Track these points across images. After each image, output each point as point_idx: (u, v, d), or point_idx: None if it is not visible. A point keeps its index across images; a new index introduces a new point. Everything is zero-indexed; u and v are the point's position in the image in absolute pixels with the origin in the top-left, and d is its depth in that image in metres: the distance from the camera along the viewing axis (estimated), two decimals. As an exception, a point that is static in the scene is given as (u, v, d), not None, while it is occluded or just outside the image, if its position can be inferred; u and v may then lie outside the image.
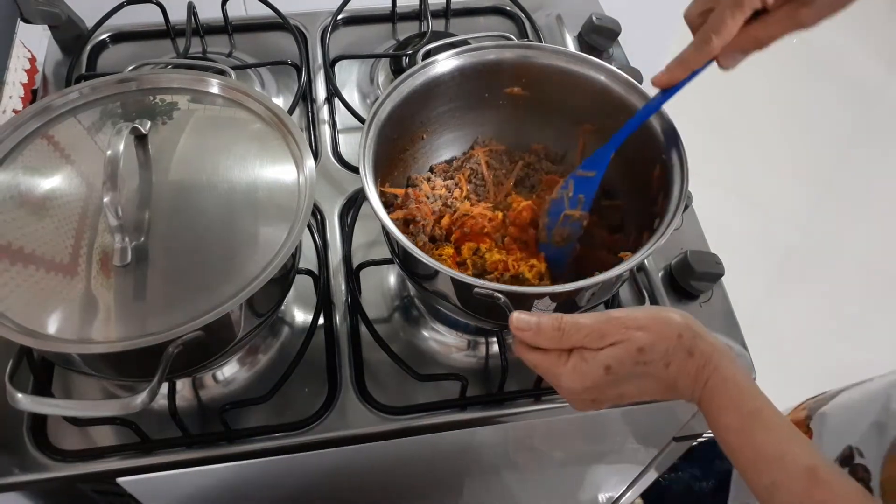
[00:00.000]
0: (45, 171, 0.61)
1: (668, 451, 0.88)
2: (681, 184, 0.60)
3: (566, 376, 0.49)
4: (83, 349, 0.53)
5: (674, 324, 0.49)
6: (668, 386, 0.50)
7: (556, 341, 0.49)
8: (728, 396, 0.48)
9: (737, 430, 0.48)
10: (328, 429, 0.66)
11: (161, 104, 0.66)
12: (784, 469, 0.46)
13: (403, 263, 0.63)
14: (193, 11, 0.92)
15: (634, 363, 0.48)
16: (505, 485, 0.96)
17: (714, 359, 0.49)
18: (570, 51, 0.70)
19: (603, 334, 0.49)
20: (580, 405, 0.51)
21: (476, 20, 1.01)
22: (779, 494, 0.46)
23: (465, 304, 0.59)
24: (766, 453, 0.47)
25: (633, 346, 0.48)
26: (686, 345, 0.49)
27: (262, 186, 0.61)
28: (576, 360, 0.49)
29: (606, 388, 0.49)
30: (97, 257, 0.56)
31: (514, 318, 0.50)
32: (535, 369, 0.51)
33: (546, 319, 0.49)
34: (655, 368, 0.49)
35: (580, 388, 0.49)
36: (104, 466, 0.64)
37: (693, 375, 0.49)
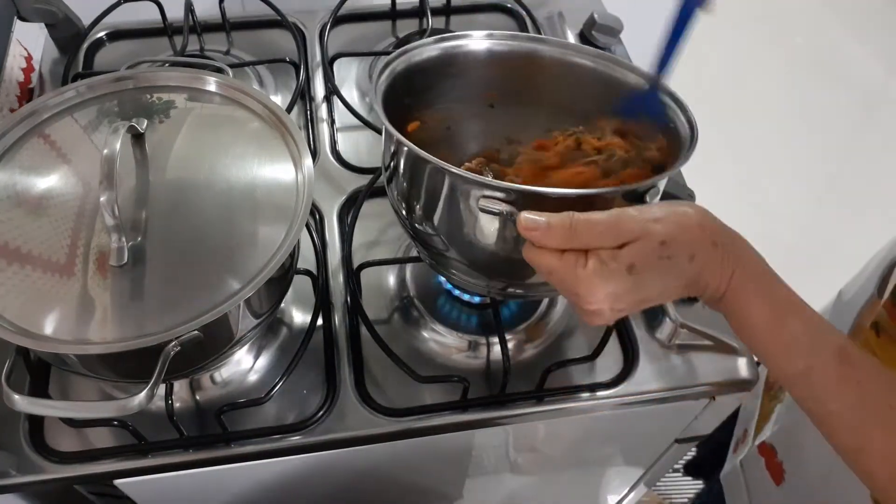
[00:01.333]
0: (42, 171, 0.60)
1: (670, 453, 0.88)
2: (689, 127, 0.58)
3: (585, 282, 0.45)
4: (80, 350, 0.52)
5: (692, 214, 0.47)
6: (691, 281, 0.46)
7: (568, 239, 0.45)
8: (757, 285, 0.46)
9: (769, 318, 0.46)
10: (327, 430, 0.65)
11: (158, 103, 0.65)
12: (818, 353, 0.45)
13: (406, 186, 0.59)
14: (191, 9, 0.91)
15: (658, 258, 0.45)
16: (506, 487, 0.96)
17: (737, 247, 0.47)
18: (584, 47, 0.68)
19: (620, 230, 0.45)
20: (598, 315, 0.47)
21: (477, 17, 1.01)
22: (814, 377, 0.45)
23: (473, 259, 0.56)
24: (800, 338, 0.45)
25: (654, 239, 0.45)
26: (708, 234, 0.46)
27: (261, 185, 0.61)
28: (595, 263, 0.45)
29: (628, 291, 0.45)
30: (94, 257, 0.55)
31: (522, 217, 0.46)
32: (548, 277, 0.47)
33: (556, 217, 0.46)
34: (679, 263, 0.45)
35: (602, 294, 0.45)
36: (101, 468, 0.63)
37: (719, 267, 0.46)
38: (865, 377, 0.44)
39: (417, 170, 0.55)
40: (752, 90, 2.21)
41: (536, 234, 0.46)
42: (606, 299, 0.45)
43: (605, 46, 0.93)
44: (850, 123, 2.19)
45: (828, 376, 0.45)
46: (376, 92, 0.58)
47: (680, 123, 0.59)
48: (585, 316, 0.48)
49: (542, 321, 0.73)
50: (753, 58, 2.27)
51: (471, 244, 0.55)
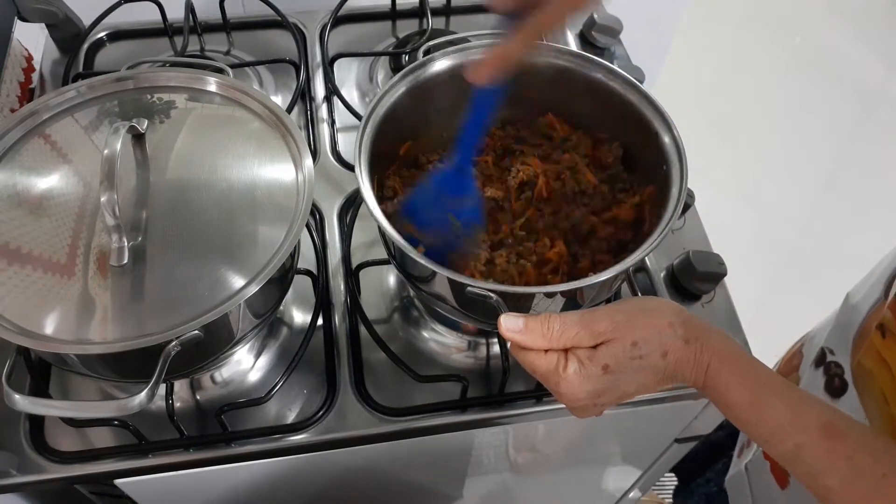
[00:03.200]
0: (42, 171, 0.60)
1: (669, 453, 0.88)
2: (679, 183, 0.59)
3: (566, 382, 0.48)
4: (80, 350, 0.52)
5: (661, 313, 0.49)
6: (668, 376, 0.49)
7: (547, 340, 0.48)
8: (733, 375, 0.48)
9: (749, 404, 0.47)
10: (327, 430, 0.65)
11: (158, 103, 0.66)
12: (804, 431, 0.46)
13: (400, 264, 0.62)
14: (191, 9, 0.91)
15: (630, 358, 0.48)
16: (505, 486, 0.96)
17: (709, 341, 0.48)
18: (572, 50, 0.69)
19: (592, 331, 0.48)
20: (582, 411, 0.51)
21: (477, 17, 1.01)
22: (804, 456, 0.46)
23: (463, 306, 0.59)
24: (783, 420, 0.46)
25: (626, 340, 0.48)
26: (679, 332, 0.48)
27: (261, 186, 0.61)
28: (573, 365, 0.48)
29: (607, 389, 0.48)
30: (94, 257, 0.55)
31: (502, 320, 0.49)
32: (533, 374, 0.50)
33: (533, 319, 0.49)
34: (653, 360, 0.48)
35: (582, 392, 0.48)
36: (101, 468, 0.63)
37: (693, 362, 0.48)
38: (854, 450, 0.45)
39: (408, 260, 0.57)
40: (751, 90, 2.21)
41: (517, 335, 0.49)
42: (588, 397, 0.49)
43: (605, 47, 0.93)
44: (850, 123, 2.19)
45: (817, 453, 0.45)
46: (360, 170, 0.59)
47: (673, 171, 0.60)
48: (572, 411, 0.51)
49: (542, 321, 0.73)
50: (753, 58, 2.27)
51: (465, 305, 0.58)
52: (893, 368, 0.54)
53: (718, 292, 0.75)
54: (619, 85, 0.66)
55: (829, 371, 0.63)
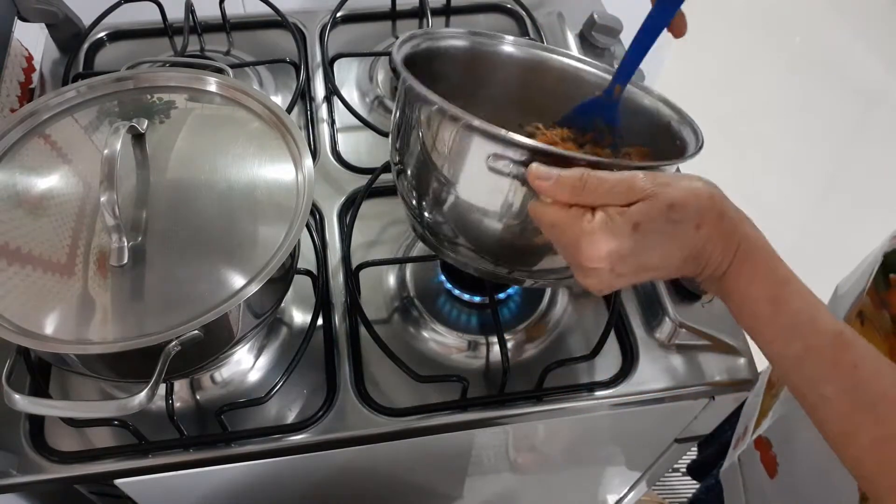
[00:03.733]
0: (42, 171, 0.60)
1: (669, 453, 0.88)
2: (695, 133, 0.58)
3: (589, 236, 0.44)
4: (80, 350, 0.52)
5: (703, 184, 0.46)
6: (694, 253, 0.46)
7: (578, 193, 0.44)
8: (761, 263, 0.46)
9: (770, 297, 0.45)
10: (327, 430, 0.65)
11: (158, 103, 0.66)
12: (816, 334, 0.44)
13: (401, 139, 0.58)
14: (191, 9, 0.91)
15: (665, 220, 0.44)
16: (506, 486, 0.96)
17: (744, 223, 0.46)
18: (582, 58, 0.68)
19: (631, 187, 0.44)
20: (595, 276, 0.46)
21: (477, 18, 1.01)
22: (810, 359, 0.45)
23: (479, 238, 0.54)
24: (799, 319, 0.45)
25: (664, 201, 0.44)
26: (718, 206, 0.45)
27: (261, 186, 0.61)
28: (601, 216, 0.44)
29: (630, 252, 0.44)
30: (94, 257, 0.55)
31: (534, 166, 0.46)
32: (551, 231, 0.46)
33: (567, 171, 0.45)
34: (685, 229, 0.44)
35: (604, 250, 0.44)
36: (101, 468, 0.63)
37: (724, 239, 0.45)
38: (861, 361, 0.43)
39: (431, 124, 0.52)
40: (751, 90, 2.21)
41: (546, 184, 0.45)
42: (608, 257, 0.44)
43: (605, 47, 0.93)
44: (850, 123, 2.19)
45: (824, 359, 0.44)
46: (398, 49, 0.57)
47: (683, 131, 0.60)
48: (583, 276, 0.46)
49: (542, 321, 0.73)
50: (753, 58, 2.27)
51: (479, 223, 0.54)
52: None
53: (718, 292, 0.75)
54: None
55: None
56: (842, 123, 2.18)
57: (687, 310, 0.72)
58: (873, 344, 0.54)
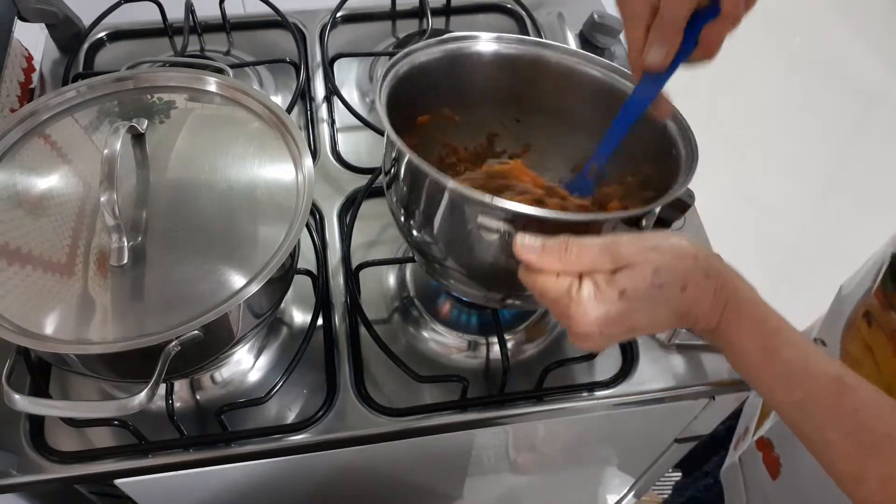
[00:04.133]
0: (42, 171, 0.60)
1: (669, 453, 0.88)
2: (691, 155, 0.58)
3: (577, 305, 0.45)
4: (80, 350, 0.52)
5: (686, 245, 0.47)
6: (683, 313, 0.47)
7: (563, 262, 0.46)
8: (749, 316, 0.47)
9: (762, 349, 0.46)
10: (327, 430, 0.65)
11: (158, 103, 0.66)
12: (814, 381, 0.45)
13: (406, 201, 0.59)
14: (191, 9, 0.91)
15: (650, 286, 0.45)
16: (506, 486, 0.96)
17: (730, 279, 0.47)
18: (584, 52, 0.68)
19: (615, 254, 0.45)
20: (587, 339, 0.47)
21: (476, 18, 1.01)
22: (811, 406, 0.45)
23: (471, 269, 0.56)
24: (794, 368, 0.45)
25: (648, 267, 0.45)
26: (702, 265, 0.46)
27: (261, 186, 0.61)
28: (589, 286, 0.45)
29: (619, 317, 0.45)
30: (94, 257, 0.55)
31: (518, 238, 0.47)
32: (541, 299, 0.48)
33: (552, 239, 0.46)
34: (671, 292, 0.46)
35: (593, 317, 0.45)
36: (101, 468, 0.63)
37: (711, 298, 0.46)
38: (861, 405, 0.44)
39: (417, 179, 0.56)
40: (751, 90, 2.21)
41: (532, 257, 0.47)
42: (597, 322, 0.46)
43: (605, 47, 0.93)
44: (850, 123, 2.18)
45: (824, 405, 0.45)
46: (380, 94, 0.58)
47: (682, 147, 0.60)
48: (576, 339, 0.48)
49: (542, 321, 0.73)
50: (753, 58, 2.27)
51: (469, 256, 0.56)
52: (877, 355, 0.55)
53: (718, 292, 0.75)
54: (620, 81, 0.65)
55: None
56: (842, 123, 2.18)
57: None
58: (879, 346, 0.54)
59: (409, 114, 0.66)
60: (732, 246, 0.89)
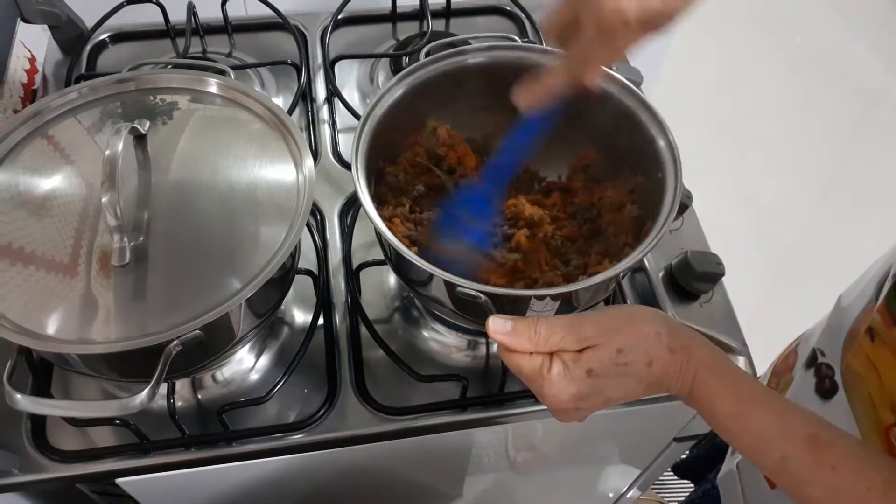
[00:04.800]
0: (45, 172, 0.60)
1: (668, 452, 0.88)
2: (674, 187, 0.59)
3: (550, 384, 0.48)
4: (82, 350, 0.52)
5: (648, 322, 0.49)
6: (653, 384, 0.49)
7: (533, 343, 0.48)
8: (719, 386, 0.48)
9: (735, 415, 0.48)
10: (327, 429, 0.66)
11: (160, 104, 0.66)
12: (790, 441, 0.46)
13: (396, 265, 0.63)
14: (193, 11, 0.92)
15: (615, 364, 0.48)
16: (505, 485, 0.96)
17: (695, 352, 0.49)
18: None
19: (579, 336, 0.48)
20: (564, 415, 0.50)
21: (476, 20, 1.01)
22: (789, 467, 0.46)
23: (458, 308, 0.59)
24: (769, 431, 0.47)
25: (612, 347, 0.48)
26: (665, 342, 0.48)
27: (262, 186, 0.61)
28: (558, 367, 0.48)
29: (591, 393, 0.48)
30: (96, 257, 0.56)
31: (490, 322, 0.50)
32: (518, 375, 0.50)
33: (520, 322, 0.49)
34: (637, 368, 0.48)
35: (565, 395, 0.48)
36: (103, 467, 0.64)
37: (678, 371, 0.48)
38: (839, 461, 0.45)
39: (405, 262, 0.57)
40: (751, 90, 2.21)
41: (504, 337, 0.49)
42: (571, 401, 0.48)
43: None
44: (850, 123, 2.19)
45: (802, 464, 0.46)
46: (356, 166, 0.59)
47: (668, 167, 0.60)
48: (554, 414, 0.51)
49: (541, 321, 0.73)
50: (753, 58, 2.27)
51: (452, 304, 0.58)
52: (881, 372, 0.54)
53: (717, 292, 0.75)
54: (615, 89, 0.65)
55: (820, 373, 0.64)
56: (842, 123, 2.18)
57: (686, 309, 0.72)
58: (884, 362, 0.54)
59: (390, 152, 0.68)
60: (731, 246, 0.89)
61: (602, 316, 0.50)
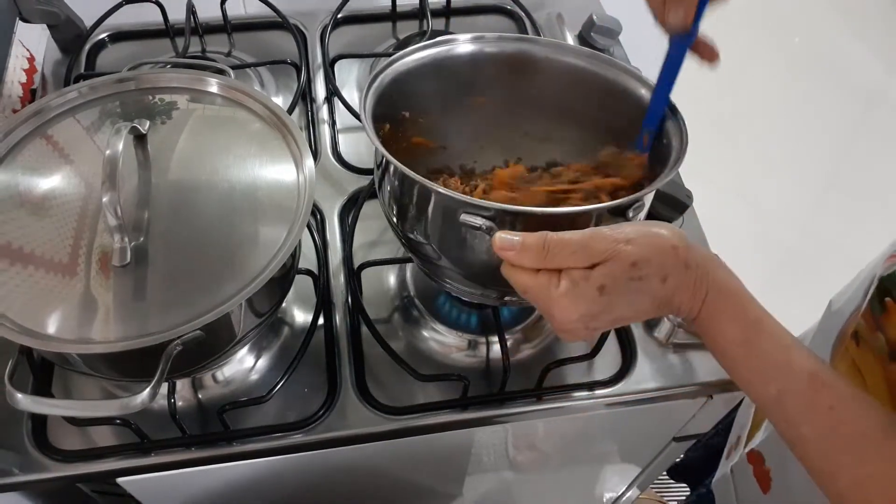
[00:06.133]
0: (44, 171, 0.60)
1: (668, 451, 0.88)
2: (680, 136, 0.58)
3: (558, 302, 0.45)
4: (83, 349, 0.52)
5: (666, 236, 0.47)
6: (664, 302, 0.47)
7: (542, 259, 0.46)
8: (730, 307, 0.47)
9: (741, 341, 0.46)
10: (328, 429, 0.66)
11: (160, 104, 0.66)
12: (791, 375, 0.45)
13: (399, 208, 0.60)
14: (192, 11, 0.91)
15: (629, 279, 0.45)
16: (506, 484, 0.96)
17: (710, 269, 0.47)
18: (581, 48, 0.68)
19: (591, 250, 0.45)
20: (573, 334, 0.47)
21: (476, 19, 1.01)
22: (787, 401, 0.45)
23: (464, 268, 0.56)
24: (772, 361, 0.45)
25: (625, 260, 0.45)
26: (682, 256, 0.46)
27: (262, 186, 0.61)
28: (567, 284, 0.45)
29: (601, 311, 0.46)
30: (96, 257, 0.56)
31: (497, 237, 0.47)
32: (524, 295, 0.47)
33: (530, 237, 0.46)
34: (651, 284, 0.45)
35: (575, 315, 0.45)
36: (104, 467, 0.64)
37: (691, 289, 0.46)
38: (838, 402, 0.44)
39: (404, 183, 0.56)
40: (751, 90, 2.21)
41: (511, 253, 0.47)
42: (580, 320, 0.46)
43: (604, 48, 0.93)
44: (849, 123, 2.19)
45: (800, 400, 0.45)
46: (364, 107, 0.59)
47: (672, 132, 0.60)
48: (560, 334, 0.48)
49: (542, 320, 0.74)
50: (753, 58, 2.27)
51: (460, 255, 0.56)
52: (866, 376, 0.54)
53: (717, 292, 0.75)
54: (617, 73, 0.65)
55: None
56: (842, 123, 2.18)
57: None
58: (867, 366, 0.54)
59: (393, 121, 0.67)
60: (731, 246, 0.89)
61: (616, 229, 0.46)
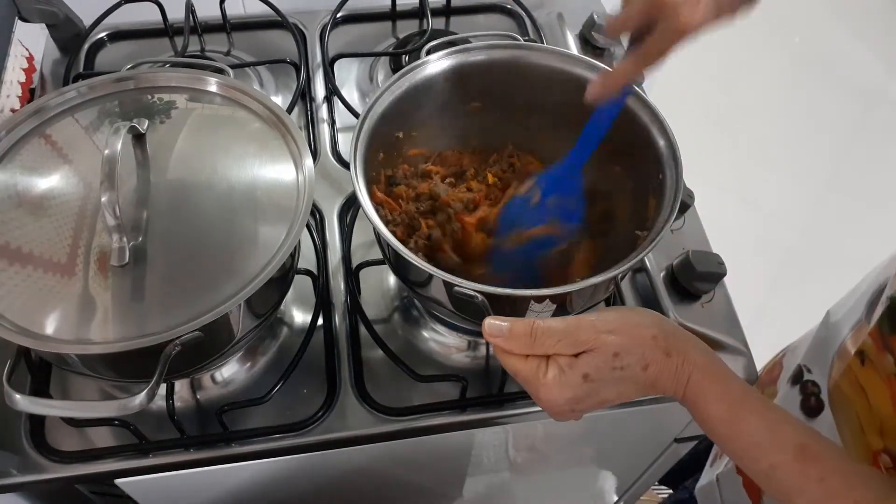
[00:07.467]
0: (43, 171, 0.60)
1: (669, 452, 0.88)
2: (675, 188, 0.58)
3: (546, 388, 0.48)
4: (81, 350, 0.52)
5: (645, 324, 0.49)
6: (649, 386, 0.49)
7: (529, 347, 0.48)
8: (714, 389, 0.48)
9: (727, 420, 0.48)
10: (327, 430, 0.66)
11: (159, 103, 0.66)
12: (779, 450, 0.46)
13: (394, 265, 0.63)
14: (192, 10, 0.91)
15: (611, 369, 0.48)
16: (505, 486, 0.96)
17: (691, 355, 0.49)
18: (562, 50, 0.69)
19: (575, 339, 0.48)
20: (560, 416, 0.50)
21: (476, 18, 1.01)
22: (777, 476, 0.46)
23: (458, 309, 0.58)
24: (759, 438, 0.47)
25: (608, 351, 0.48)
26: (661, 345, 0.48)
27: (261, 186, 0.61)
28: (555, 371, 0.48)
29: (586, 396, 0.48)
30: (95, 257, 0.55)
31: (486, 324, 0.49)
32: (514, 377, 0.50)
33: (518, 324, 0.49)
34: (633, 372, 0.48)
35: (561, 399, 0.48)
36: (102, 468, 0.63)
37: (673, 375, 0.48)
38: (827, 473, 0.45)
39: (399, 259, 0.57)
40: (751, 90, 2.21)
41: (499, 340, 0.49)
42: (566, 403, 0.49)
43: (605, 47, 0.93)
44: (850, 123, 2.19)
45: (791, 474, 0.46)
46: (356, 175, 0.59)
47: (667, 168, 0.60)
48: (551, 416, 0.51)
49: (542, 321, 0.73)
50: (753, 58, 2.27)
51: (459, 305, 0.57)
52: (870, 397, 0.54)
53: (718, 292, 0.75)
54: None
55: (806, 390, 0.63)
56: (842, 123, 2.18)
57: (686, 309, 0.72)
58: (873, 386, 0.53)
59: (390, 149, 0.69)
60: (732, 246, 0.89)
61: (598, 320, 0.49)
